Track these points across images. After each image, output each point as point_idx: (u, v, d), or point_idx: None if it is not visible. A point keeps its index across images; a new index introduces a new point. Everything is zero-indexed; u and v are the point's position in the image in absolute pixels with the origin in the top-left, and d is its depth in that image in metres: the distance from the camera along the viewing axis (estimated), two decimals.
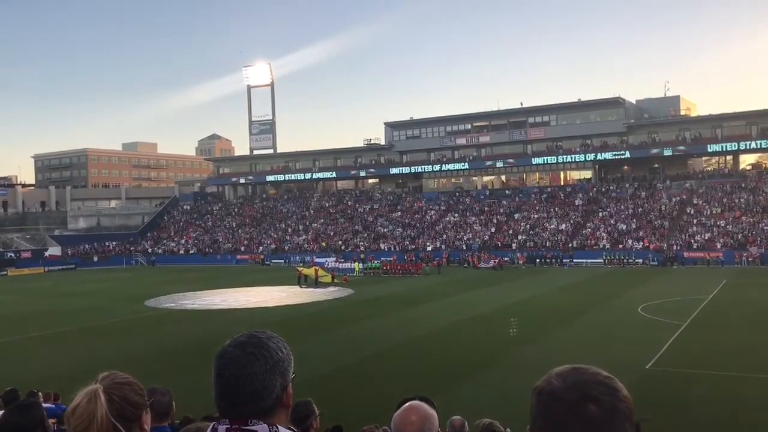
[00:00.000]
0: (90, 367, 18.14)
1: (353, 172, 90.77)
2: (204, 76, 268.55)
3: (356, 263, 59.76)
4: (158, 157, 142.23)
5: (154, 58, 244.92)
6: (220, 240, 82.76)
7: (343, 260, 63.50)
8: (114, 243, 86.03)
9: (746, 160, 78.56)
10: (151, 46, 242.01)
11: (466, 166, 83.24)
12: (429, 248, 68.82)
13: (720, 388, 17.69)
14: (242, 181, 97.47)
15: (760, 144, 69.69)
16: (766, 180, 67.10)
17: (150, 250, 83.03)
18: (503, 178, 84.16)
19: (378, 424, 5.59)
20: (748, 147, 70.52)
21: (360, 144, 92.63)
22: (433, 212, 78.12)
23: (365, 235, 76.35)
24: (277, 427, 1.93)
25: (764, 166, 76.25)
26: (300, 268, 52.83)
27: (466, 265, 62.04)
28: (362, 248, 71.62)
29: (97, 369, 2.35)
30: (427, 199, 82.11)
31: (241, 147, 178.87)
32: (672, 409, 14.56)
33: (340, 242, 75.47)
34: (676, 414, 14.10)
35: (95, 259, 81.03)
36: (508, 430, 6.40)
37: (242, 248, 79.56)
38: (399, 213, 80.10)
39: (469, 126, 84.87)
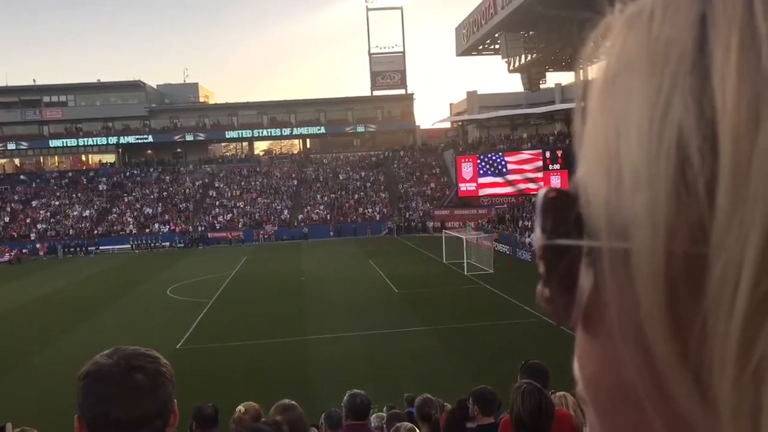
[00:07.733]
0: None
1: None
2: None
3: None
4: None
5: None
6: None
7: None
8: None
9: (260, 146, 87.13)
10: None
11: None
12: None
13: (238, 356, 19.59)
14: None
15: (270, 132, 78.14)
16: (277, 164, 75.28)
17: None
18: (17, 161, 76.46)
19: None
20: (260, 134, 78.30)
21: None
22: None
23: None
24: None
25: (274, 152, 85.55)
26: None
27: None
28: None
29: None
30: None
31: None
32: (199, 383, 15.51)
33: None
34: (202, 388, 15.03)
35: None
36: None
37: None
38: None
39: None
